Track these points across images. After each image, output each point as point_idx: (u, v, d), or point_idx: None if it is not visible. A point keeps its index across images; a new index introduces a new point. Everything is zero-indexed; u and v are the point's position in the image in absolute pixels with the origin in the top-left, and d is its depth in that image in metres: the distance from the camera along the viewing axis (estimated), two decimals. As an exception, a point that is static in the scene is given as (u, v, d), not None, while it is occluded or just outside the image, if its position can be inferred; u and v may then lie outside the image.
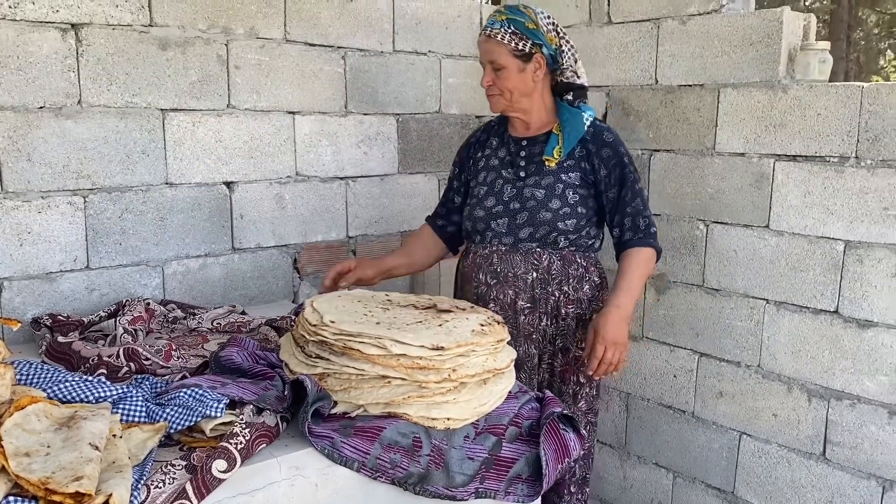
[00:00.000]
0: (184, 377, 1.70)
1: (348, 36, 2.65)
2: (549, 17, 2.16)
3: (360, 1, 2.67)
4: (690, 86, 2.53)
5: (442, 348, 1.62)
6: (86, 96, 2.12)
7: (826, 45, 2.29)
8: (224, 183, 2.42)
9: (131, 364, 1.71)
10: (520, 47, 2.09)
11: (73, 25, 2.08)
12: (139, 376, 1.69)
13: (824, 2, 13.61)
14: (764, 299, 2.40)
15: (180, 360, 1.79)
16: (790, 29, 2.31)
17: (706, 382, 2.58)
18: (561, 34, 2.17)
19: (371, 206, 2.81)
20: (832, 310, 2.24)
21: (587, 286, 2.22)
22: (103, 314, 2.04)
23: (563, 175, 2.16)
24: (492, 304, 2.19)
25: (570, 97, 2.21)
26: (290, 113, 2.54)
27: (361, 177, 2.77)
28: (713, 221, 2.52)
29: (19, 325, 1.38)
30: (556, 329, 2.21)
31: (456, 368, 1.64)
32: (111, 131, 2.17)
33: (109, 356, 1.72)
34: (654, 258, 2.19)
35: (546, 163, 2.17)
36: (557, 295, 2.19)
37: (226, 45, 2.37)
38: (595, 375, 2.11)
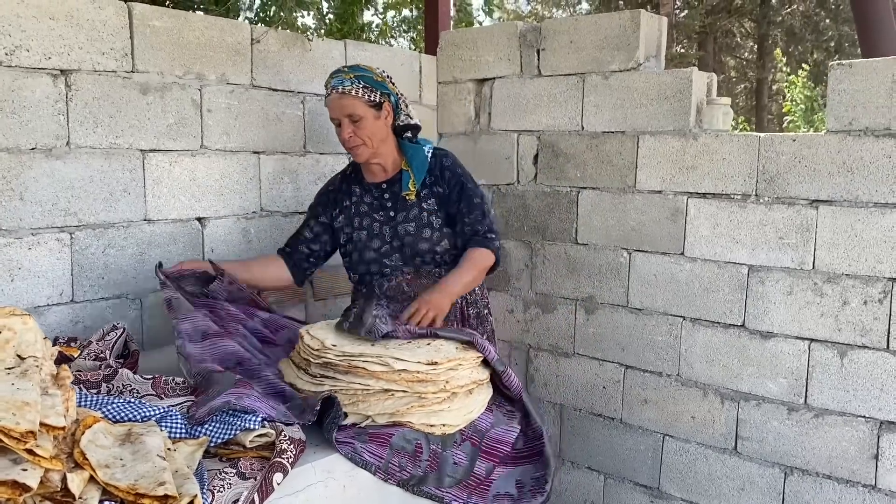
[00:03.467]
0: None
1: (307, 82, 2.86)
2: (384, 72, 2.43)
3: (317, 50, 2.90)
4: (613, 132, 2.90)
5: (436, 363, 1.87)
6: (74, 138, 2.23)
7: (727, 100, 2.72)
8: (197, 219, 2.57)
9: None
10: (372, 98, 2.34)
11: (63, 72, 2.19)
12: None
13: (692, 50, 14.89)
14: (681, 316, 2.77)
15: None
16: (697, 86, 2.72)
17: (632, 391, 2.93)
18: (395, 84, 2.45)
19: (326, 239, 3.00)
20: (739, 324, 2.63)
21: (476, 288, 2.51)
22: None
23: (423, 204, 2.42)
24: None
25: (409, 135, 2.49)
26: (255, 153, 2.72)
27: (318, 212, 2.97)
28: (635, 250, 2.88)
29: (79, 353, 1.51)
30: None
31: (449, 380, 1.88)
32: (96, 171, 2.29)
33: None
34: (491, 258, 2.40)
35: (406, 197, 2.42)
36: (460, 301, 2.47)
37: (199, 90, 2.53)
38: (404, 320, 2.17)
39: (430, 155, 2.47)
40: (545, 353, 3.19)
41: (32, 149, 2.14)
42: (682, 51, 15.40)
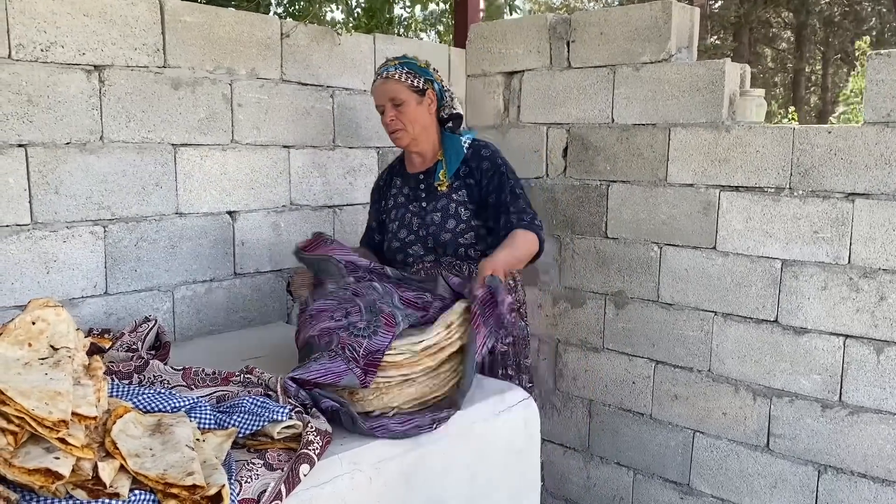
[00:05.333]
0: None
1: (336, 76, 2.87)
2: (428, 61, 2.49)
3: (346, 44, 2.91)
4: (644, 125, 2.87)
5: (451, 323, 1.89)
6: (107, 133, 2.26)
7: (761, 91, 2.67)
8: (228, 212, 2.60)
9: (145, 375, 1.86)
10: (415, 84, 2.39)
11: (96, 67, 2.23)
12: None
13: (727, 39, 14.66)
14: (712, 311, 2.74)
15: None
16: (731, 77, 2.68)
17: (662, 387, 2.90)
18: (439, 73, 2.50)
19: (355, 232, 3.01)
20: (772, 319, 2.59)
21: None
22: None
23: (453, 195, 2.41)
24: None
25: (450, 125, 2.50)
26: (285, 147, 2.74)
27: (347, 205, 2.98)
28: (666, 244, 2.85)
29: (111, 343, 1.53)
30: None
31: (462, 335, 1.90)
32: (129, 165, 2.32)
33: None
34: (536, 243, 2.29)
35: (438, 188, 2.43)
36: None
37: (230, 84, 2.55)
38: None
39: (466, 145, 2.45)
40: (574, 348, 3.17)
41: (67, 143, 2.18)
42: (717, 42, 15.16)
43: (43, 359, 1.36)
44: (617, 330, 3.02)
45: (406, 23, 5.00)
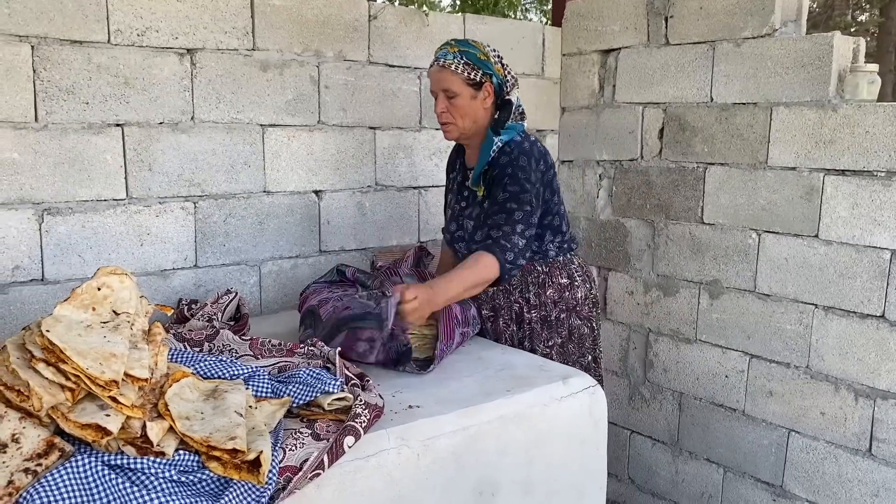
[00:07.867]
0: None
1: (424, 57, 2.88)
2: (495, 51, 2.31)
3: (434, 25, 2.91)
4: (744, 104, 2.70)
5: None
6: (198, 113, 2.38)
7: (874, 67, 2.44)
8: (314, 192, 2.67)
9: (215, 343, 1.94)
10: (472, 76, 2.22)
11: (188, 50, 2.34)
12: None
13: (874, 15, 13.55)
14: (813, 304, 2.55)
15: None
16: (840, 52, 2.47)
17: (756, 382, 2.74)
18: (505, 66, 2.31)
19: (440, 213, 3.01)
20: (878, 314, 2.39)
21: (551, 290, 2.36)
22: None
23: (484, 204, 2.28)
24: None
25: (498, 116, 2.28)
26: (371, 128, 2.78)
27: (432, 186, 2.99)
28: (765, 231, 2.68)
29: (172, 311, 1.62)
30: (523, 333, 2.38)
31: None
32: (219, 144, 2.43)
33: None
34: (495, 269, 2.09)
35: (477, 192, 2.31)
36: (521, 302, 2.37)
37: (317, 66, 2.61)
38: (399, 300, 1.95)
39: (496, 148, 2.25)
40: (665, 339, 3.05)
41: (160, 123, 2.31)
42: (865, 18, 14.01)
43: (104, 322, 1.45)
44: (711, 321, 2.88)
45: (511, 2, 4.94)
